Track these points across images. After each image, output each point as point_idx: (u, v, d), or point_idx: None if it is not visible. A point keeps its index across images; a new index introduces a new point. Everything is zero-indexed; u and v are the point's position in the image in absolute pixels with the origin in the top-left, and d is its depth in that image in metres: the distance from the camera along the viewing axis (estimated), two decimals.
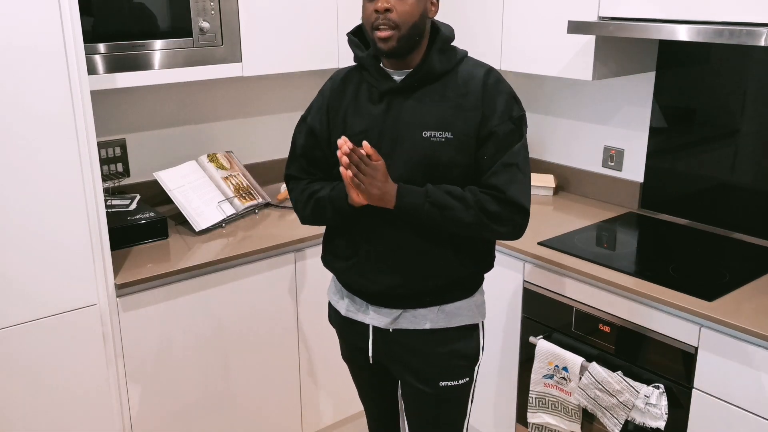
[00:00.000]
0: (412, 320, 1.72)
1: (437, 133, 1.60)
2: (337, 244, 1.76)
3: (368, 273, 1.70)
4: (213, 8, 2.34)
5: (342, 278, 1.79)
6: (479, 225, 1.60)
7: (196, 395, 2.32)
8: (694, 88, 2.46)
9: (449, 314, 1.73)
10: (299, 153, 1.77)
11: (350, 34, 1.73)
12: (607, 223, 2.56)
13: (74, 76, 1.89)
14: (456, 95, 1.61)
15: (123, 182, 2.63)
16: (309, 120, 1.75)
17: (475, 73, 1.64)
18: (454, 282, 1.71)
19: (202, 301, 2.26)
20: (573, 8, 2.35)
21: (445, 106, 1.61)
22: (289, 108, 3.01)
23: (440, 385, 1.76)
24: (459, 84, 1.62)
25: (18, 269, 1.90)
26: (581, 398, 2.16)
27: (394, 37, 1.56)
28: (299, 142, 1.77)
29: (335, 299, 1.86)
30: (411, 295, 1.71)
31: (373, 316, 1.75)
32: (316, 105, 1.76)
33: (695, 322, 1.92)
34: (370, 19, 1.58)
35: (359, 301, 1.77)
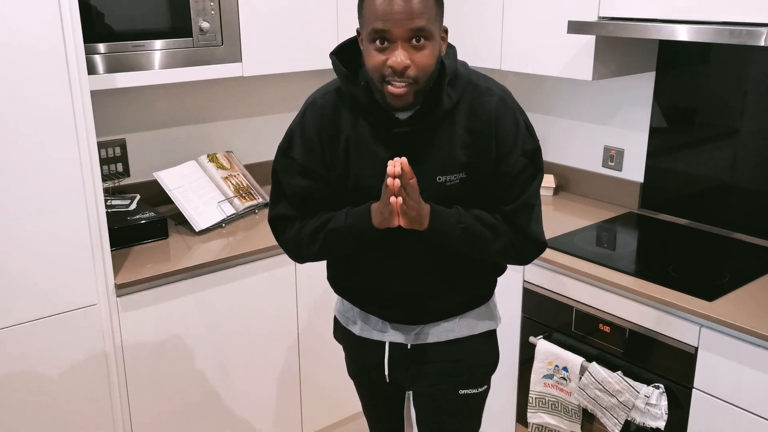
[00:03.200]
0: (434, 334, 1.66)
1: (451, 176, 1.49)
2: (348, 270, 1.65)
3: (385, 301, 1.63)
4: (213, 8, 2.34)
5: (356, 303, 1.70)
6: (503, 253, 1.54)
7: (195, 395, 2.32)
8: (694, 88, 2.46)
9: (471, 323, 1.67)
10: (291, 193, 1.57)
11: (334, 56, 1.50)
12: (607, 223, 2.56)
13: (74, 76, 1.89)
14: (467, 131, 1.48)
15: (123, 182, 2.63)
16: (297, 157, 1.55)
17: (486, 104, 1.49)
18: (474, 295, 1.67)
19: (202, 301, 2.26)
20: (573, 8, 2.35)
21: (457, 146, 1.48)
22: (289, 108, 3.01)
23: (460, 393, 1.69)
24: (469, 118, 1.48)
25: (18, 269, 1.90)
26: (581, 398, 2.16)
27: (411, 93, 1.40)
28: (289, 182, 1.57)
29: (344, 318, 1.75)
30: (433, 314, 1.64)
31: (391, 333, 1.67)
32: (299, 138, 1.55)
33: (695, 322, 1.92)
34: (380, 71, 1.39)
35: (374, 319, 1.68)
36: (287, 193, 1.58)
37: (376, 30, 1.36)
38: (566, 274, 2.22)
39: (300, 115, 1.57)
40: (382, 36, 1.36)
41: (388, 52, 1.37)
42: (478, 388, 1.72)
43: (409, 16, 1.34)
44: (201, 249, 2.30)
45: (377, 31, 1.36)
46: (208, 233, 2.44)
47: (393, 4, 1.34)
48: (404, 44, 1.36)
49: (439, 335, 1.66)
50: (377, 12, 1.35)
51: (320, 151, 1.53)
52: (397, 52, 1.36)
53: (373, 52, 1.38)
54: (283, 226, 1.61)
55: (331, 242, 1.54)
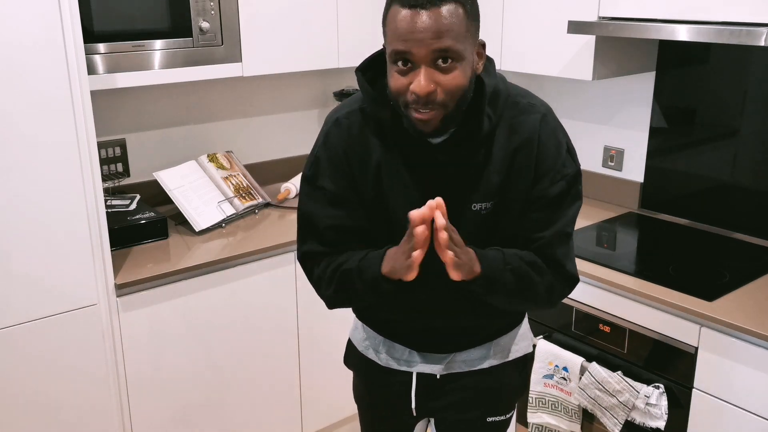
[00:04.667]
0: (466, 362, 1.52)
1: (487, 204, 1.34)
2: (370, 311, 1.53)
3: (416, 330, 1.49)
4: (213, 8, 2.34)
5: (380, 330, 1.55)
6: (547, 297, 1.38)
7: (195, 395, 2.32)
8: (694, 88, 2.46)
9: (505, 347, 1.53)
10: (323, 226, 1.40)
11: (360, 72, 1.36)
12: (607, 223, 2.56)
13: (74, 76, 1.89)
14: (505, 153, 1.33)
15: (123, 182, 2.63)
16: (326, 185, 1.39)
17: (527, 122, 1.34)
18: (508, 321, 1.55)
19: (202, 301, 2.26)
20: (573, 8, 2.35)
21: (493, 169, 1.33)
22: (289, 108, 3.01)
23: (488, 420, 1.57)
24: (509, 137, 1.34)
25: (18, 269, 1.90)
26: (581, 398, 2.16)
27: (438, 118, 1.24)
28: (319, 213, 1.40)
29: (364, 346, 1.59)
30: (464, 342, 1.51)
31: (420, 364, 1.52)
32: (326, 164, 1.40)
33: (695, 322, 1.92)
34: (403, 96, 1.24)
35: (401, 348, 1.52)
36: (319, 226, 1.40)
37: (397, 51, 1.21)
38: None
39: (323, 137, 1.41)
40: (404, 57, 1.21)
41: (411, 76, 1.22)
42: (506, 415, 1.61)
43: (434, 35, 1.18)
44: (201, 249, 2.30)
45: (398, 52, 1.21)
46: (208, 233, 2.44)
47: (415, 22, 1.18)
48: (428, 68, 1.20)
49: (472, 363, 1.52)
50: (398, 31, 1.20)
51: (350, 176, 1.38)
52: (420, 76, 1.20)
53: (395, 74, 1.24)
54: (312, 264, 1.44)
55: (344, 285, 1.38)
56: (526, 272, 1.34)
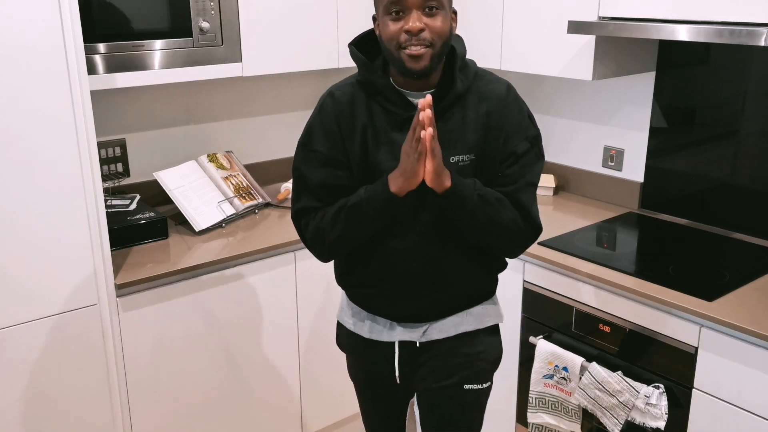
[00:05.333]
0: (441, 330, 1.69)
1: (464, 156, 1.55)
2: (358, 272, 1.67)
3: (396, 300, 1.65)
4: (213, 8, 2.34)
5: (364, 304, 1.72)
6: (511, 229, 1.56)
7: (195, 395, 2.32)
8: (694, 88, 2.46)
9: (477, 316, 1.71)
10: (314, 184, 1.59)
11: (353, 45, 1.61)
12: (607, 223, 2.56)
13: (74, 76, 1.89)
14: (477, 115, 1.56)
15: (123, 182, 2.63)
16: (318, 148, 1.59)
17: (495, 90, 1.59)
18: (480, 291, 1.71)
19: (202, 301, 2.26)
20: (573, 8, 2.35)
21: (468, 128, 1.56)
22: (289, 108, 3.01)
23: (465, 388, 1.72)
24: (479, 103, 1.57)
25: (18, 269, 1.90)
26: (581, 398, 2.16)
27: (428, 56, 1.47)
28: (312, 173, 1.60)
29: (352, 322, 1.76)
30: (441, 311, 1.68)
31: (400, 332, 1.69)
32: (319, 130, 1.60)
33: (695, 322, 1.92)
34: (396, 39, 1.47)
35: (383, 320, 1.71)
36: (310, 184, 1.60)
37: (392, 2, 1.46)
38: (566, 274, 2.22)
39: (318, 108, 1.62)
40: (397, 8, 1.46)
41: (403, 21, 1.46)
42: (482, 384, 1.74)
43: None
44: (201, 249, 2.30)
45: (392, 2, 1.46)
46: (208, 233, 2.44)
47: None
48: (418, 12, 1.45)
49: (447, 330, 1.69)
50: None
51: (340, 140, 1.58)
52: (412, 17, 1.45)
53: (389, 23, 1.47)
54: (307, 219, 1.63)
55: (352, 220, 1.55)
56: (492, 201, 1.54)
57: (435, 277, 1.62)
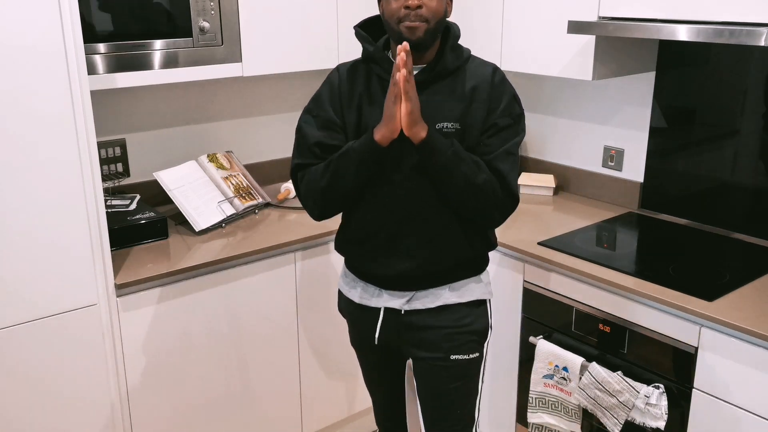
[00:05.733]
0: (425, 300, 1.81)
1: (449, 124, 1.70)
2: (350, 228, 1.82)
3: (381, 258, 1.78)
4: (213, 8, 2.34)
5: (355, 264, 1.86)
6: (484, 190, 1.67)
7: (195, 395, 2.32)
8: (694, 88, 2.46)
9: (460, 291, 1.82)
10: (312, 142, 1.76)
11: (358, 27, 1.79)
12: (607, 223, 2.56)
13: (74, 76, 1.89)
14: (464, 90, 1.72)
15: (123, 182, 2.63)
16: (319, 111, 1.78)
17: (483, 71, 1.75)
18: (463, 262, 1.81)
19: (202, 301, 2.26)
20: (573, 8, 2.35)
21: (454, 100, 1.71)
22: (289, 108, 3.01)
23: (451, 358, 1.83)
24: (467, 80, 1.73)
25: (18, 269, 1.90)
26: (581, 398, 2.16)
27: (422, 29, 1.64)
28: (311, 133, 1.77)
29: (347, 288, 1.92)
30: (423, 277, 1.79)
31: (386, 299, 1.83)
32: (324, 96, 1.79)
33: (695, 322, 1.92)
34: (396, 14, 1.64)
35: (372, 287, 1.85)
36: (308, 142, 1.77)
37: None
38: (566, 274, 2.22)
39: (326, 79, 1.82)
40: None
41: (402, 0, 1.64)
42: (469, 355, 1.85)
43: None
44: (201, 249, 2.30)
45: None
46: (208, 233, 2.44)
47: None
48: None
49: (428, 302, 1.81)
50: None
51: (339, 107, 1.76)
52: None
53: (391, 1, 1.65)
54: (303, 173, 1.78)
55: (339, 167, 1.69)
56: (467, 160, 1.66)
57: (417, 235, 1.74)
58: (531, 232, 2.45)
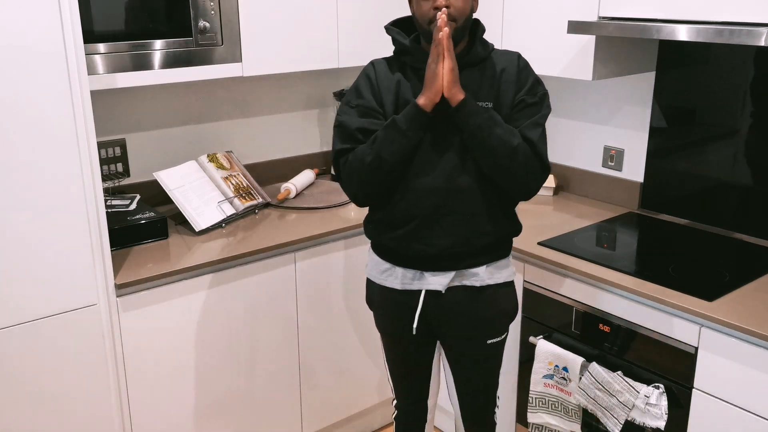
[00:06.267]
0: (464, 279, 1.90)
1: (482, 103, 1.79)
2: (389, 215, 1.87)
3: (424, 238, 1.85)
4: (213, 8, 2.34)
5: (395, 248, 1.90)
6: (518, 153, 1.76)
7: (195, 395, 2.32)
8: (694, 88, 2.46)
9: (495, 272, 1.92)
10: (354, 128, 1.83)
11: (390, 25, 1.92)
12: (607, 223, 2.56)
13: (74, 77, 1.89)
14: (493, 74, 1.85)
15: (123, 182, 2.63)
16: (359, 101, 1.86)
17: (509, 56, 1.88)
18: (499, 240, 1.91)
19: (202, 301, 2.26)
20: (573, 8, 2.35)
21: (485, 84, 1.84)
22: (289, 108, 3.01)
23: (487, 343, 1.97)
24: (495, 66, 1.86)
25: (18, 269, 1.90)
26: (581, 398, 2.16)
27: (451, 27, 1.75)
28: (351, 121, 1.84)
29: (383, 277, 1.96)
30: (465, 255, 1.87)
31: (429, 280, 1.89)
32: (362, 87, 1.87)
33: (695, 322, 1.92)
34: (427, 15, 1.77)
35: (412, 271, 1.91)
36: (349, 129, 1.84)
37: None
38: (566, 274, 2.22)
39: (362, 73, 1.91)
40: None
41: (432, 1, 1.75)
42: (501, 336, 2.00)
43: None
44: (201, 249, 2.30)
45: None
46: (208, 233, 2.44)
47: None
48: None
49: (467, 280, 1.89)
50: None
51: (378, 95, 1.86)
52: None
53: (422, 3, 1.77)
54: (345, 157, 1.85)
55: (386, 137, 1.77)
56: (502, 124, 1.77)
57: (458, 211, 1.82)
58: (531, 232, 2.45)
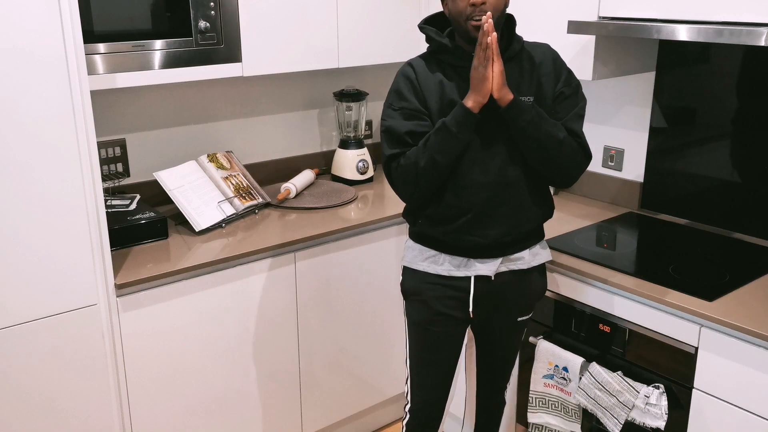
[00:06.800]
0: (510, 264, 1.96)
1: (525, 98, 1.83)
2: (441, 210, 1.90)
3: (476, 230, 1.89)
4: (213, 8, 2.34)
5: (445, 240, 1.93)
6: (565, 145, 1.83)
7: (196, 395, 2.32)
8: (694, 88, 2.46)
9: (535, 254, 1.99)
10: (402, 131, 1.86)
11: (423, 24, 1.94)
12: (607, 223, 2.56)
13: (74, 77, 1.89)
14: (531, 67, 1.89)
15: (123, 182, 2.63)
16: (402, 104, 1.87)
17: (542, 49, 1.93)
18: (539, 225, 2.00)
19: (202, 301, 2.26)
20: (573, 8, 2.35)
21: (524, 78, 1.88)
22: (289, 108, 3.01)
23: (518, 320, 2.07)
24: (532, 57, 1.90)
25: (18, 269, 1.90)
26: (581, 398, 2.16)
27: None
28: (398, 125, 1.86)
29: (426, 264, 1.97)
30: (513, 242, 1.94)
31: (478, 267, 1.93)
32: (404, 89, 1.88)
33: (695, 322, 1.92)
34: (464, 12, 1.79)
35: (459, 258, 1.94)
36: (398, 133, 1.86)
37: None
38: (566, 274, 2.22)
39: (399, 76, 1.91)
40: None
41: None
42: (528, 315, 2.09)
43: None
44: (201, 249, 2.30)
45: None
46: (208, 233, 2.44)
47: None
48: None
49: (513, 265, 1.96)
50: None
51: (422, 96, 1.87)
52: None
53: (457, 1, 1.79)
54: (397, 161, 1.87)
55: (438, 141, 1.80)
56: (549, 119, 1.83)
57: (509, 202, 1.88)
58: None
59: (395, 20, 2.81)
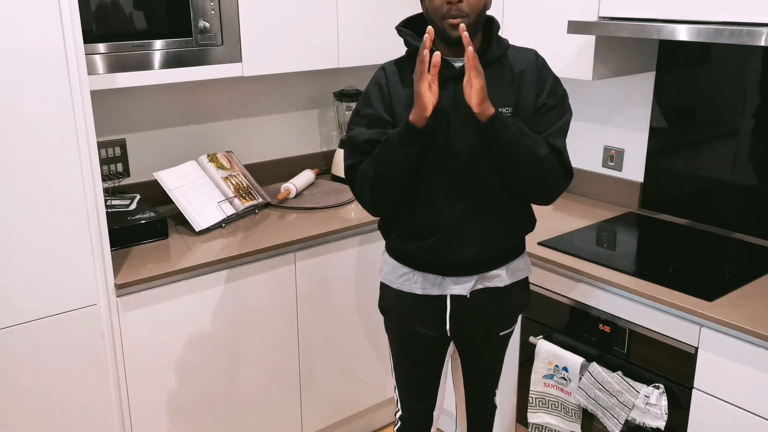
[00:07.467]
0: (486, 282, 1.89)
1: (503, 109, 1.76)
2: (412, 225, 1.84)
3: (449, 248, 1.82)
4: (213, 8, 2.34)
5: (418, 257, 1.87)
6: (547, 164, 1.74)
7: (196, 395, 2.32)
8: (694, 88, 2.46)
9: (514, 270, 1.92)
10: (362, 140, 1.80)
11: (400, 26, 1.86)
12: (607, 223, 2.56)
13: (74, 77, 1.89)
14: (512, 74, 1.79)
15: (123, 182, 2.63)
16: (367, 110, 1.82)
17: (526, 56, 1.83)
18: (520, 241, 1.93)
19: (202, 301, 2.26)
20: (573, 8, 2.35)
21: (504, 85, 1.78)
22: (289, 108, 3.01)
23: (500, 335, 2.01)
24: (512, 65, 1.80)
25: (18, 269, 1.90)
26: (581, 398, 2.16)
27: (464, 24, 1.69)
28: (359, 133, 1.81)
29: (400, 282, 1.92)
30: (488, 260, 1.87)
31: (452, 287, 1.87)
32: (372, 95, 1.82)
33: (695, 322, 1.92)
34: (440, 11, 1.70)
35: (433, 276, 1.88)
36: (358, 142, 1.81)
37: None
38: (566, 274, 2.22)
39: (372, 80, 1.85)
40: None
41: None
42: (511, 327, 2.03)
43: None
44: (201, 249, 2.30)
45: None
46: (208, 233, 2.44)
47: None
48: None
49: (493, 282, 1.89)
50: None
51: (389, 103, 1.80)
52: None
53: None
54: (355, 171, 1.82)
55: (383, 154, 1.73)
56: (531, 135, 1.73)
57: (484, 220, 1.81)
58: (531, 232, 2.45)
59: (395, 20, 2.81)
